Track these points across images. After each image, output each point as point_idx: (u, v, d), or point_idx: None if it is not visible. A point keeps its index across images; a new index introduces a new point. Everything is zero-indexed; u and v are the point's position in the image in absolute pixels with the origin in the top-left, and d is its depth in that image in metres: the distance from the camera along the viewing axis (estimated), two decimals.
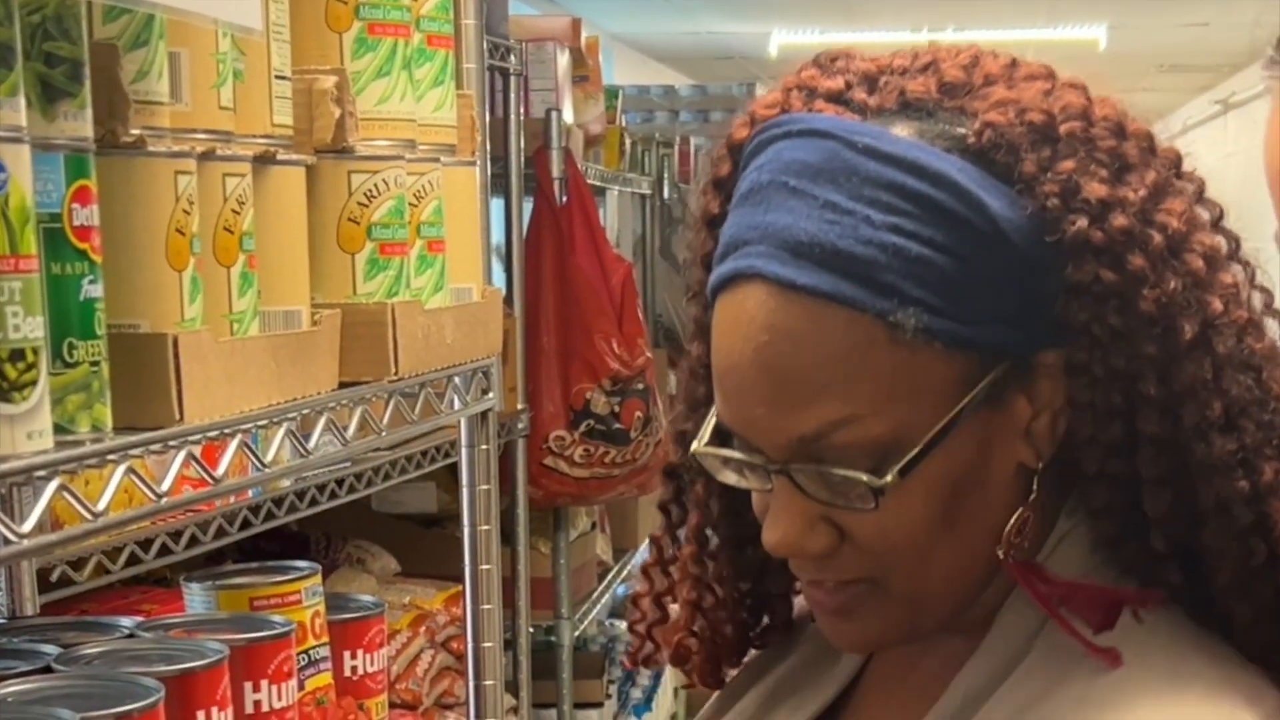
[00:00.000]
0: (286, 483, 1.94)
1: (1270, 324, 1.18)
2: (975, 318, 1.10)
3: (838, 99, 1.17)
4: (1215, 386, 1.11)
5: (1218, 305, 1.11)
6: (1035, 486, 1.15)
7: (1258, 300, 1.18)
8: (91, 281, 1.12)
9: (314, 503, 2.00)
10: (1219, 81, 12.33)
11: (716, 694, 1.37)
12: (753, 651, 1.36)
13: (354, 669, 1.71)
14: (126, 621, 1.53)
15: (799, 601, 1.34)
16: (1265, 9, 8.71)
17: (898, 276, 1.08)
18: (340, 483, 2.01)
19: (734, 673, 1.37)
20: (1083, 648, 1.12)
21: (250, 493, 1.89)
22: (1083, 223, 1.09)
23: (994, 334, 1.11)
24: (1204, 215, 1.16)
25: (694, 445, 1.20)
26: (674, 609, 1.36)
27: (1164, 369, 1.11)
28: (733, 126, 1.21)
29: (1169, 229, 1.11)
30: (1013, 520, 1.15)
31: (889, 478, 1.10)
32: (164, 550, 1.80)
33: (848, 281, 1.09)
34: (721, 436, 1.18)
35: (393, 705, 2.43)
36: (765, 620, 1.34)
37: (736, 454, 1.16)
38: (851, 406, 1.10)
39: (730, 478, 1.18)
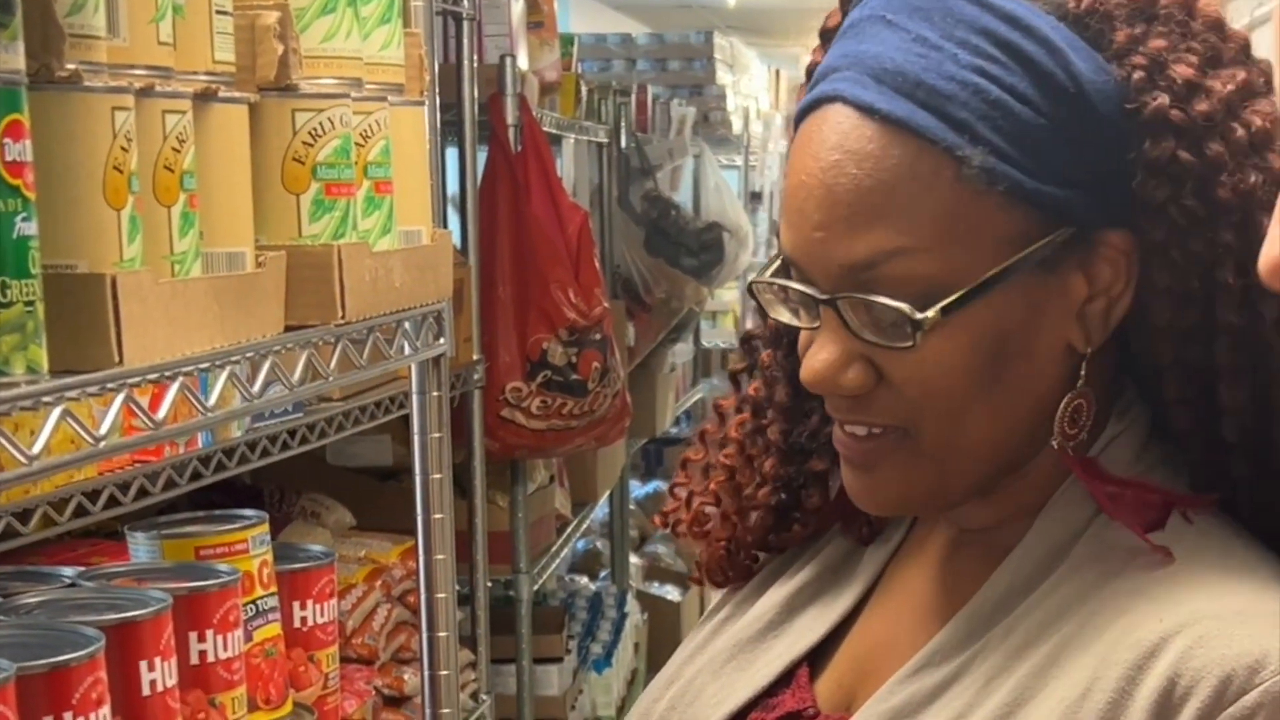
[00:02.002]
0: (236, 433, 1.91)
1: None
2: (1044, 174, 1.12)
3: None
4: None
5: None
6: (1083, 372, 1.16)
7: None
8: (25, 219, 1.09)
9: (265, 453, 1.97)
10: None
11: (723, 594, 1.37)
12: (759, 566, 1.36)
13: (303, 620, 1.69)
14: (68, 571, 1.51)
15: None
16: None
17: (973, 115, 1.11)
18: (292, 433, 1.98)
19: (737, 579, 1.36)
20: (1139, 540, 1.13)
21: (199, 443, 1.86)
22: (1164, 100, 1.12)
23: (1060, 196, 1.12)
24: None
25: (753, 277, 1.22)
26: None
27: (1242, 259, 1.11)
28: None
29: (1253, 125, 1.13)
30: (1063, 405, 1.16)
31: (931, 313, 1.11)
32: (112, 501, 1.76)
33: (924, 111, 1.11)
34: (782, 272, 1.20)
35: (349, 660, 2.41)
36: (798, 507, 1.33)
37: (791, 283, 1.17)
38: (906, 238, 1.11)
39: (783, 314, 1.20)
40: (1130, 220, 1.14)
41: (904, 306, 1.11)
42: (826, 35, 1.22)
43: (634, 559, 6.01)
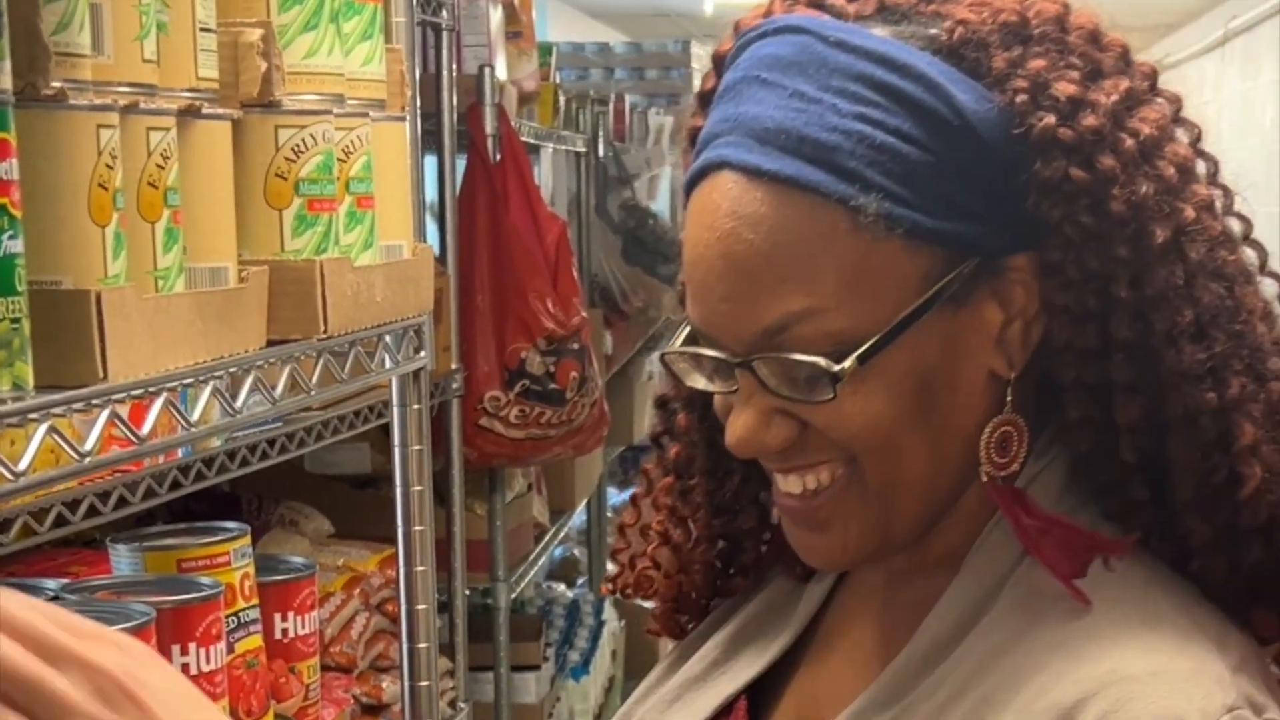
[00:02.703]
0: (216, 442, 1.92)
1: (1249, 254, 1.18)
2: (940, 211, 1.11)
3: (818, 7, 1.18)
4: (1187, 293, 1.12)
5: (1190, 213, 1.12)
6: (1009, 397, 1.15)
7: (1236, 226, 1.19)
8: (11, 237, 1.10)
9: (245, 463, 1.97)
10: (1153, 42, 12.40)
11: (675, 645, 1.37)
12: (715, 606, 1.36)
13: (285, 631, 1.70)
14: (51, 584, 1.51)
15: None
16: None
17: (861, 163, 1.10)
18: (271, 443, 1.98)
19: (693, 625, 1.36)
20: (1060, 584, 1.12)
21: (179, 453, 1.86)
22: (1050, 119, 1.11)
23: (960, 229, 1.12)
24: (1180, 132, 1.17)
25: (664, 349, 1.21)
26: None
27: (1136, 272, 1.12)
28: (719, 43, 1.22)
29: (1141, 134, 1.13)
30: (987, 432, 1.15)
31: (847, 364, 1.10)
32: (92, 511, 1.77)
33: (812, 166, 1.10)
34: (692, 341, 1.19)
35: (327, 668, 2.42)
36: (735, 561, 1.34)
37: (702, 350, 1.16)
38: (813, 298, 1.11)
39: (699, 381, 1.19)
40: (1032, 242, 1.13)
41: (820, 361, 1.11)
42: (705, 99, 1.20)
43: (611, 566, 6.01)
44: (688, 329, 1.19)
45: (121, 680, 0.93)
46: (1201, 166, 1.18)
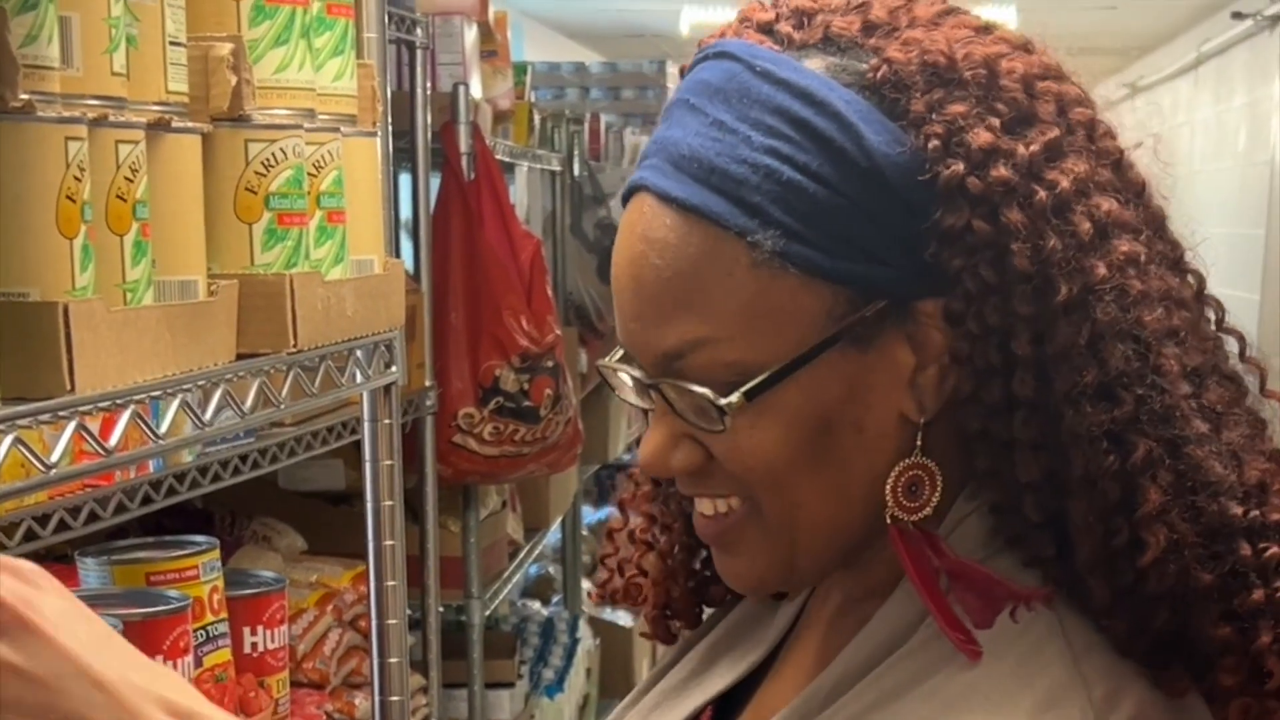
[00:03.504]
0: (188, 458, 1.92)
1: (1188, 312, 1.15)
2: (841, 251, 1.10)
3: (766, 30, 1.17)
4: (1091, 353, 1.09)
5: (1102, 270, 1.10)
6: (919, 441, 1.13)
7: (1191, 281, 1.16)
8: None
9: (217, 478, 1.98)
10: (1126, 65, 12.44)
11: (665, 650, 1.37)
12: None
13: (254, 645, 1.70)
14: None
15: None
16: None
17: (765, 198, 1.09)
18: (244, 458, 1.99)
19: (685, 629, 1.37)
20: (942, 627, 1.11)
21: (151, 467, 1.86)
22: (959, 167, 1.09)
23: (863, 271, 1.10)
24: (1110, 180, 1.14)
25: (602, 360, 1.21)
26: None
27: (1039, 329, 1.10)
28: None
29: (1057, 187, 1.10)
30: (894, 475, 1.13)
31: (734, 398, 1.10)
32: (62, 526, 1.77)
33: (717, 197, 1.10)
34: (623, 358, 1.20)
35: (300, 684, 2.42)
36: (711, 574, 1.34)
37: (625, 368, 1.17)
38: (709, 327, 1.11)
39: (630, 396, 1.19)
40: (943, 289, 1.11)
41: (708, 393, 1.11)
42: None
43: (586, 584, 6.02)
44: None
45: (15, 607, 0.92)
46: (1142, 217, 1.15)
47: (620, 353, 1.20)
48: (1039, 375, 1.10)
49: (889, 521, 1.14)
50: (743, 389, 1.10)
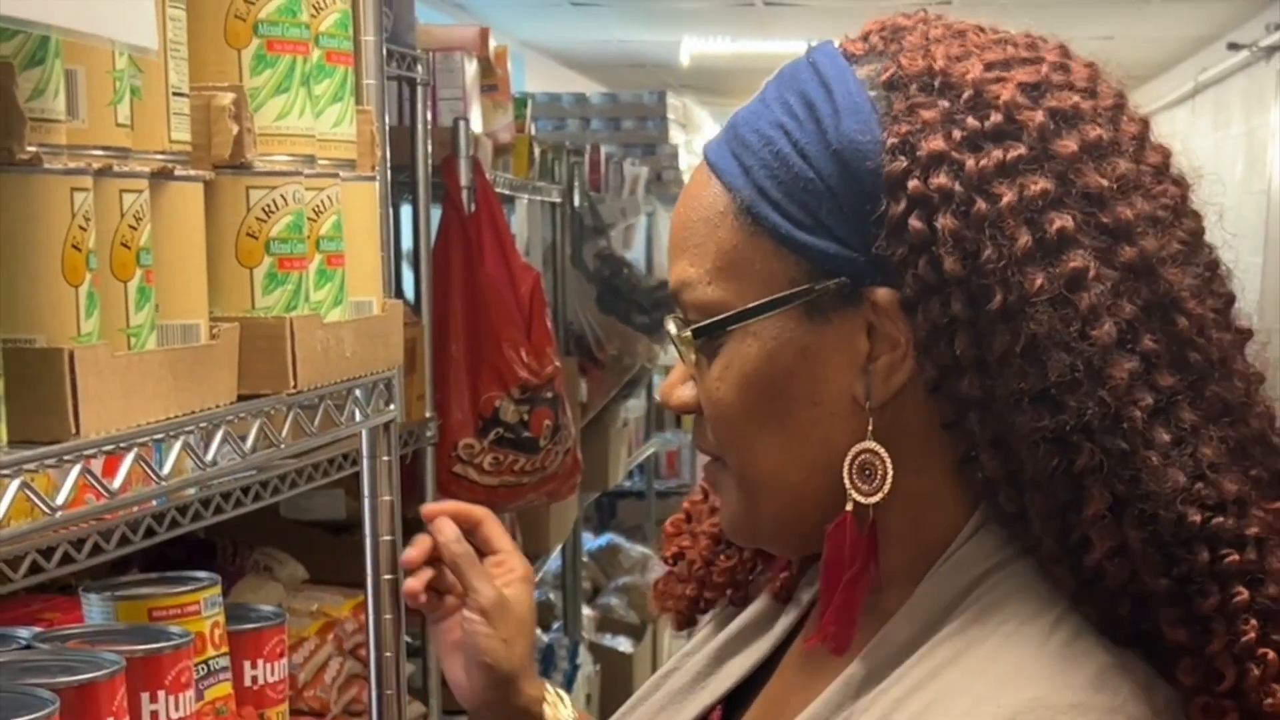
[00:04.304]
0: (191, 490, 1.95)
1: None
2: (809, 225, 1.19)
3: (864, 38, 1.27)
4: (1028, 360, 1.14)
5: (1039, 282, 1.14)
6: (870, 427, 1.19)
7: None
8: None
9: (219, 510, 2.00)
10: (1127, 93, 12.43)
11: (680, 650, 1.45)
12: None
13: (254, 679, 1.73)
14: (24, 633, 1.54)
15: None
16: (1166, 24, 8.83)
17: (757, 164, 1.20)
18: (245, 490, 2.01)
19: (707, 606, 1.46)
20: (1007, 614, 1.17)
21: (154, 500, 1.89)
22: (902, 165, 1.16)
23: (823, 247, 1.19)
24: (1080, 205, 1.16)
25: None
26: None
27: (977, 332, 1.15)
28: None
29: (1000, 200, 1.15)
30: (849, 457, 1.20)
31: (686, 333, 1.23)
32: (66, 559, 1.80)
33: (729, 158, 1.22)
34: None
35: (301, 713, 2.44)
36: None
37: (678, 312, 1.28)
38: (695, 269, 1.23)
39: (674, 343, 1.30)
40: (896, 281, 1.18)
41: (671, 326, 1.25)
42: None
43: (586, 611, 6.04)
44: None
45: None
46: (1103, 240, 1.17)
47: None
48: (983, 376, 1.16)
49: (848, 506, 1.21)
50: (694, 325, 1.22)
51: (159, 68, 1.38)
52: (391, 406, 1.88)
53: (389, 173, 1.90)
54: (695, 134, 8.63)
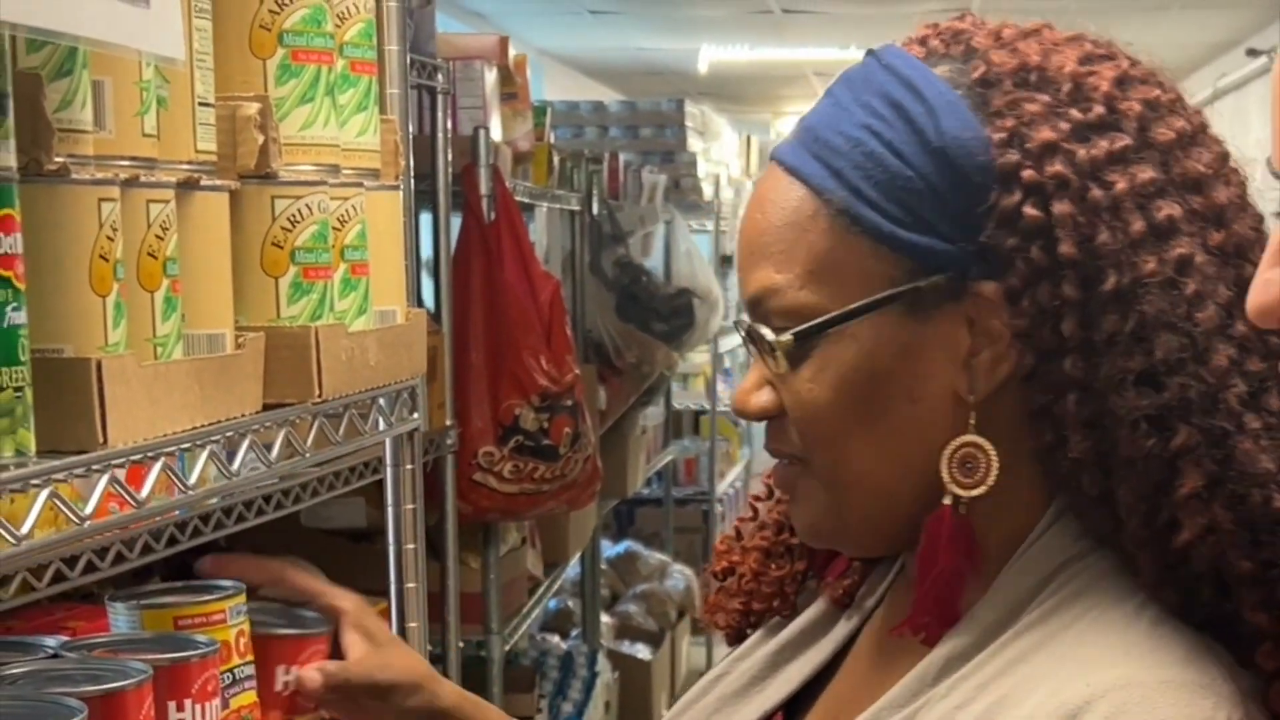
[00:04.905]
0: (213, 500, 1.95)
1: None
2: (907, 222, 1.19)
3: (921, 43, 1.28)
4: (1136, 341, 1.16)
5: (1152, 266, 1.17)
6: (973, 421, 1.21)
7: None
8: (15, 309, 1.13)
9: (241, 519, 2.00)
10: None
11: (727, 656, 1.44)
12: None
13: (286, 684, 1.72)
14: (50, 641, 1.54)
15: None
16: (1185, 30, 8.82)
17: (849, 166, 1.20)
18: (268, 499, 2.02)
19: (757, 620, 1.44)
20: (1090, 601, 1.18)
21: (177, 510, 1.90)
22: (1016, 157, 1.18)
23: (925, 243, 1.19)
24: (1181, 194, 1.20)
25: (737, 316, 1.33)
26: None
27: (1086, 314, 1.17)
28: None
29: (1114, 187, 1.18)
30: (949, 450, 1.21)
31: (785, 337, 1.22)
32: (90, 567, 1.80)
33: (814, 162, 1.22)
34: None
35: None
36: (784, 547, 1.42)
37: (741, 317, 1.29)
38: (784, 274, 1.22)
39: (752, 349, 1.30)
40: (999, 273, 1.19)
41: (767, 332, 1.23)
42: None
43: (605, 618, 6.04)
44: None
45: None
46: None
47: None
48: (1087, 358, 1.18)
49: (946, 500, 1.22)
50: (793, 330, 1.21)
51: (185, 78, 1.39)
52: (415, 415, 1.89)
53: (413, 178, 1.91)
54: (713, 141, 8.63)
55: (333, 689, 1.47)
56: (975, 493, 1.21)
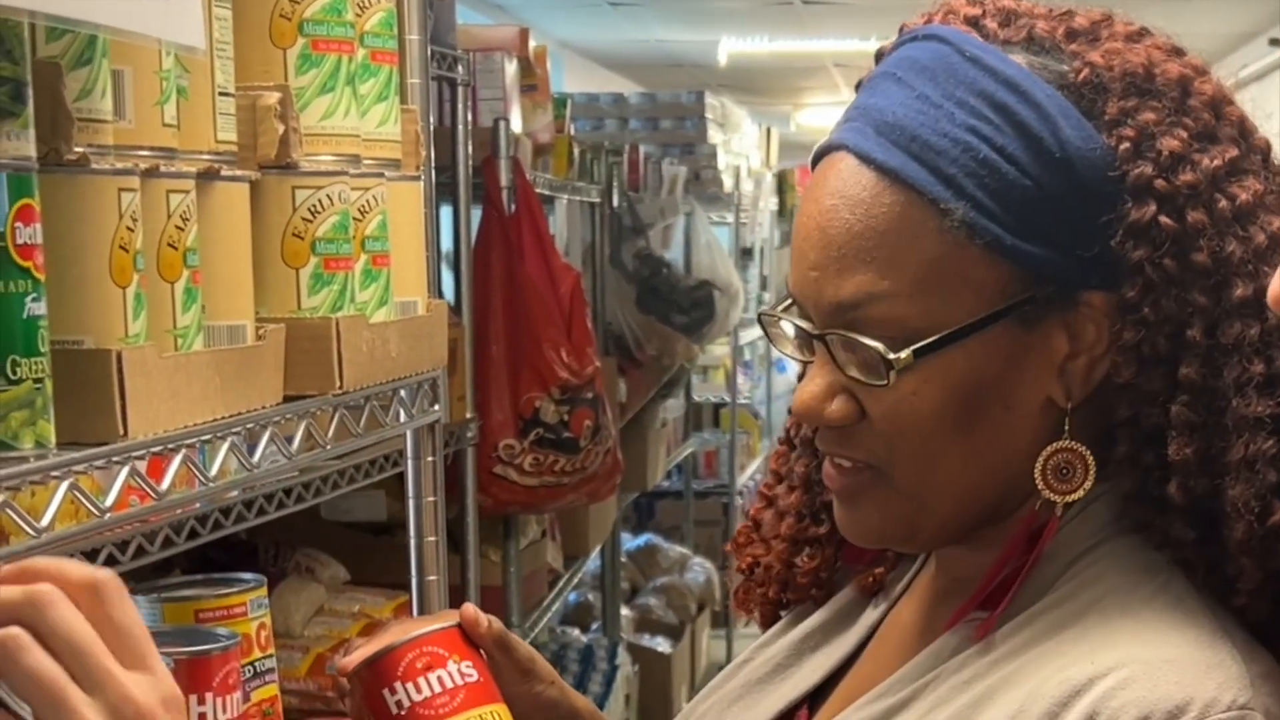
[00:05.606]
0: (234, 493, 1.95)
1: None
2: (1024, 232, 1.17)
3: (972, 23, 1.25)
4: (1260, 347, 1.17)
5: None
6: (1067, 427, 1.21)
7: None
8: (35, 299, 1.12)
9: (261, 512, 2.00)
10: None
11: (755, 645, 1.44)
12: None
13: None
14: None
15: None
16: (1206, 20, 8.79)
17: (960, 171, 1.17)
18: (288, 492, 2.01)
19: (787, 608, 1.44)
20: (1104, 590, 1.18)
21: (197, 503, 1.89)
22: (1148, 169, 1.17)
23: (1042, 255, 1.18)
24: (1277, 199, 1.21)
25: (765, 308, 1.29)
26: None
27: (1212, 321, 1.17)
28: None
29: (1238, 199, 1.18)
30: (1043, 457, 1.21)
31: (904, 354, 1.18)
32: (110, 560, 1.79)
33: (916, 164, 1.18)
34: (788, 309, 1.27)
35: (342, 714, 2.43)
36: (810, 535, 1.41)
37: (791, 318, 1.25)
38: (889, 282, 1.18)
39: (787, 347, 1.28)
40: (1111, 283, 1.19)
41: (879, 346, 1.18)
42: (859, 87, 1.29)
43: (625, 611, 6.04)
44: (788, 295, 1.27)
45: (144, 716, 0.96)
46: None
47: (789, 302, 1.27)
48: (1207, 363, 1.17)
49: (1039, 505, 1.22)
50: (915, 346, 1.18)
51: (205, 67, 1.38)
52: (436, 407, 1.88)
53: (433, 170, 1.90)
54: (734, 133, 8.61)
55: (495, 640, 1.39)
56: (1072, 498, 1.22)
